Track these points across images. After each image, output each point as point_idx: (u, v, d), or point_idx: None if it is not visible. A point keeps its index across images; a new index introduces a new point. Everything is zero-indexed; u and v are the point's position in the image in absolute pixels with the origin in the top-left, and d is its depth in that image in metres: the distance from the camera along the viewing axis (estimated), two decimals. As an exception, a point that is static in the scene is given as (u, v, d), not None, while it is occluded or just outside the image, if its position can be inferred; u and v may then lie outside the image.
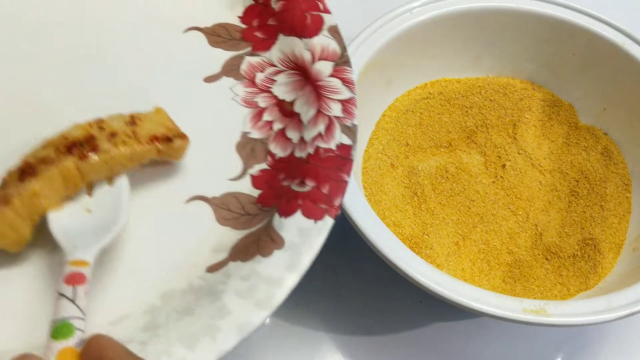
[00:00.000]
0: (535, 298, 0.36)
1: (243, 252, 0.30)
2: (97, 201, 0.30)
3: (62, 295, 0.26)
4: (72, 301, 0.25)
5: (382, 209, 0.39)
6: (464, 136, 0.44)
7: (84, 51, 0.38)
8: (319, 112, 0.34)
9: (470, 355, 0.39)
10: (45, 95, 0.36)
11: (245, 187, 0.33)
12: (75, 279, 0.26)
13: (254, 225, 0.32)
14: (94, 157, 0.30)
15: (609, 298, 0.33)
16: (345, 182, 0.31)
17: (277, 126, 0.35)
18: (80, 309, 0.25)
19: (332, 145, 0.32)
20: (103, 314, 0.29)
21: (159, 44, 0.38)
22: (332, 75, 0.35)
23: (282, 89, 0.37)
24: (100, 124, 0.31)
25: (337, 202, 0.30)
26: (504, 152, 0.44)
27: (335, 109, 0.34)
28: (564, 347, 0.40)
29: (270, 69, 0.37)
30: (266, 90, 0.37)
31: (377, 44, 0.41)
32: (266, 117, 0.36)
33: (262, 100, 0.36)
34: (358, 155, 0.41)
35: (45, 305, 0.29)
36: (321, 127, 0.33)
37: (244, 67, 0.37)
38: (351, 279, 0.41)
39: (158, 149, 0.31)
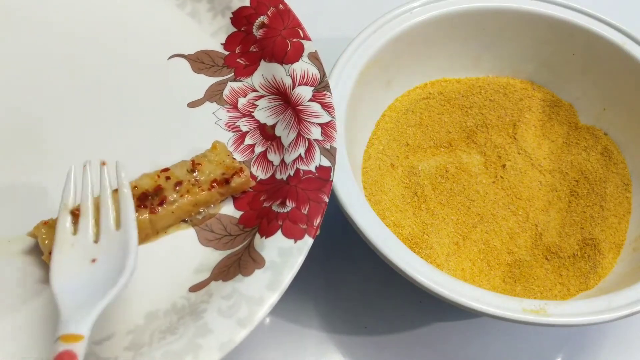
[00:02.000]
0: (535, 298, 0.36)
1: (225, 272, 0.31)
2: (103, 248, 0.28)
3: None
4: None
5: (382, 209, 0.39)
6: (464, 136, 0.44)
7: (73, 81, 0.38)
8: (299, 135, 0.35)
9: (470, 355, 0.39)
10: (33, 120, 0.37)
11: (228, 208, 0.34)
12: None
13: (235, 245, 0.33)
14: (163, 210, 0.32)
15: (609, 298, 0.33)
16: (325, 203, 0.32)
17: (258, 149, 0.37)
18: None
19: (312, 167, 0.34)
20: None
21: (144, 71, 0.39)
22: (312, 100, 0.36)
23: (264, 113, 0.38)
24: (166, 173, 0.33)
25: (316, 222, 0.31)
26: (504, 152, 0.44)
27: (315, 133, 0.35)
28: (564, 347, 0.40)
29: (252, 94, 0.39)
30: (248, 115, 0.38)
31: (377, 44, 0.41)
32: (248, 140, 0.37)
33: (244, 124, 0.38)
34: (358, 155, 0.41)
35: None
36: (301, 150, 0.35)
37: (226, 92, 0.39)
38: (351, 279, 0.41)
39: (220, 193, 0.34)
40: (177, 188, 0.33)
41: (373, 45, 0.41)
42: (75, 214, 0.30)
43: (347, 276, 0.42)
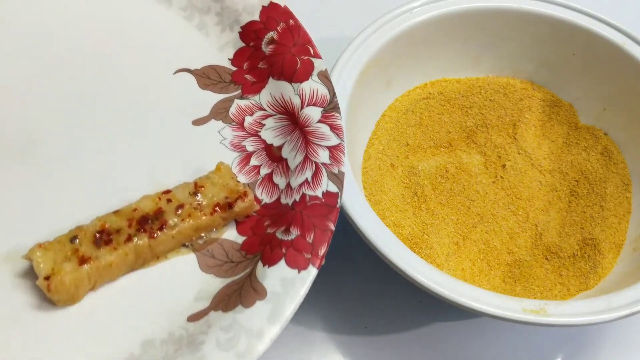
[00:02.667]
0: (535, 298, 0.36)
1: (225, 301, 0.30)
2: None
3: None
4: None
5: (382, 209, 0.39)
6: (464, 136, 0.44)
7: (73, 92, 0.37)
8: (307, 158, 0.34)
9: (470, 355, 0.39)
10: (34, 132, 0.35)
11: (230, 233, 0.33)
12: None
13: (237, 273, 0.31)
14: (162, 235, 0.31)
15: (609, 298, 0.33)
16: (331, 231, 0.31)
17: (264, 171, 0.35)
18: None
19: (319, 192, 0.32)
20: None
21: (148, 85, 0.38)
22: (320, 121, 0.35)
23: (271, 133, 0.36)
24: (167, 195, 0.32)
25: (321, 252, 0.30)
26: (504, 152, 0.44)
27: (323, 156, 0.34)
28: (564, 347, 0.40)
29: (259, 113, 0.37)
30: (254, 134, 0.36)
31: (377, 44, 0.41)
32: (254, 161, 0.36)
33: (250, 144, 0.36)
34: (358, 155, 0.41)
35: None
36: (308, 174, 0.33)
37: (233, 110, 0.37)
38: (351, 279, 0.41)
39: (222, 217, 0.32)
40: (179, 212, 0.32)
41: (373, 45, 0.41)
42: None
43: (347, 276, 0.42)
